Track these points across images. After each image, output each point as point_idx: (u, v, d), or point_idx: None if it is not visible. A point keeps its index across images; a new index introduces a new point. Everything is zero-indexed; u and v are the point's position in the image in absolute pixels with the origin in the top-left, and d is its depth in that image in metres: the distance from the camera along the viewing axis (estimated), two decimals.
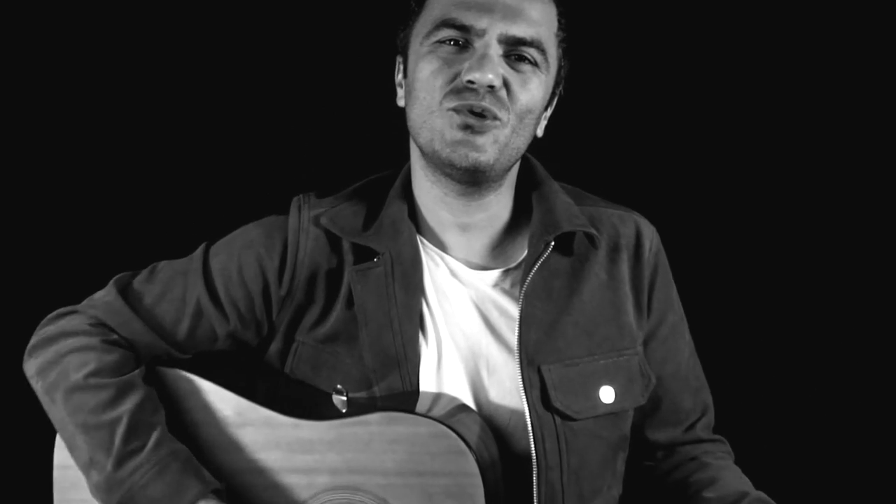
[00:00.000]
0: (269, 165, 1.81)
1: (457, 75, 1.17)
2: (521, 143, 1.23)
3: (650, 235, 1.36)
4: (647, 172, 1.84)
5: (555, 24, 1.24)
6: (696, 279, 1.54)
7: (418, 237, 1.30)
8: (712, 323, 1.57)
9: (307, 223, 1.29)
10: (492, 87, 1.16)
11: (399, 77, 1.30)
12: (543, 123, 1.30)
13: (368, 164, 1.41)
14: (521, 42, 1.18)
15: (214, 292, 1.27)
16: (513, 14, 1.17)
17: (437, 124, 1.18)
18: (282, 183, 1.54)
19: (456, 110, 1.17)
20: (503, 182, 1.28)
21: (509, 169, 1.26)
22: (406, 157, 1.33)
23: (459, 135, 1.17)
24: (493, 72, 1.15)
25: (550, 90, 1.26)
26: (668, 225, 1.43)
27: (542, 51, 1.20)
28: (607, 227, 1.33)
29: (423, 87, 1.19)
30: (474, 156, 1.18)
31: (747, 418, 1.55)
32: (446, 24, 1.17)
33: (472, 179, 1.22)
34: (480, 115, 1.16)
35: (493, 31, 1.16)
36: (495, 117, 1.17)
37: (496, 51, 1.17)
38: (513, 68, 1.19)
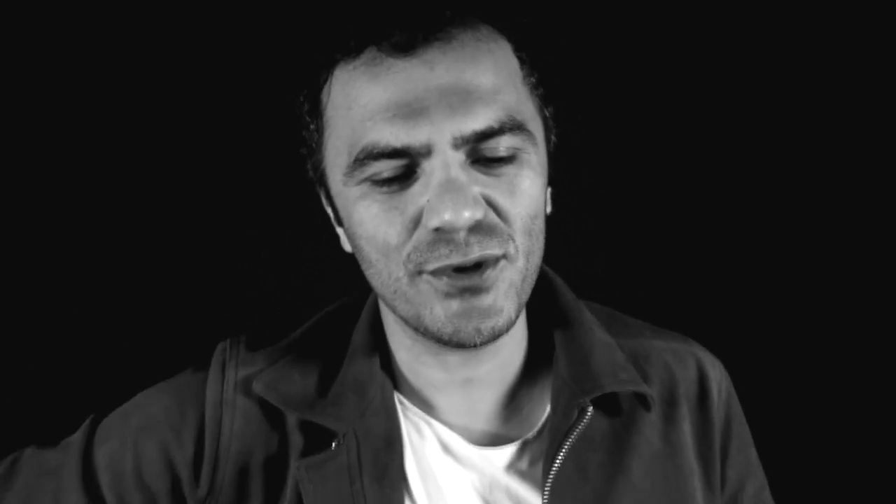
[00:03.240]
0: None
1: (415, 221, 0.77)
2: (536, 260, 0.83)
3: (717, 377, 0.97)
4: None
5: (517, 71, 0.81)
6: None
7: (396, 396, 0.91)
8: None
9: (233, 392, 0.88)
10: (475, 222, 0.76)
11: (330, 212, 0.89)
12: (548, 197, 0.89)
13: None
14: (485, 136, 0.76)
15: (99, 499, 0.88)
16: (460, 99, 0.75)
17: (415, 295, 0.79)
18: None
19: (437, 275, 0.78)
20: None
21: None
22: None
23: (455, 305, 0.78)
24: (467, 206, 0.74)
25: (547, 161, 0.85)
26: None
27: (518, 125, 0.78)
28: (659, 371, 0.95)
29: (372, 247, 0.79)
30: (488, 326, 0.78)
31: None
32: (371, 154, 0.76)
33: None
34: (474, 272, 0.77)
35: (441, 141, 0.75)
36: (497, 259, 0.78)
37: (457, 165, 0.76)
38: (488, 173, 0.78)
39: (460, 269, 0.77)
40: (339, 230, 0.88)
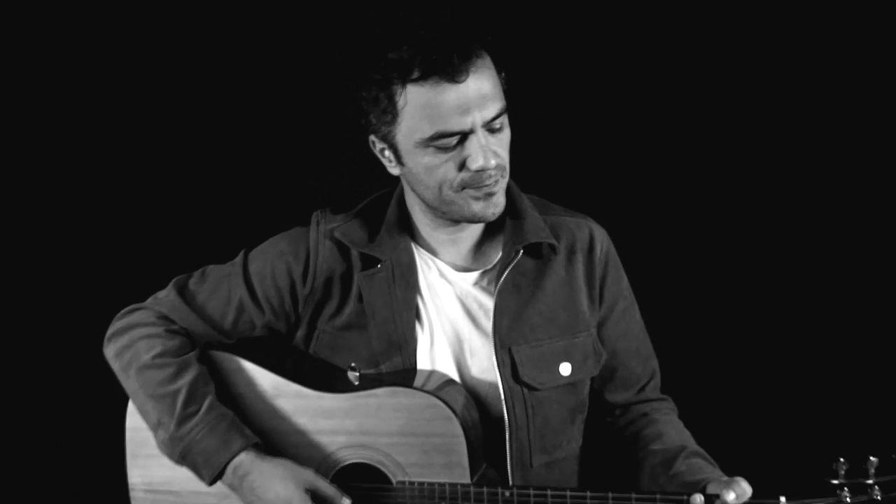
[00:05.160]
0: (289, 180, 2.25)
1: (462, 164, 1.43)
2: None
3: (601, 238, 1.66)
4: (603, 176, 2.26)
5: (496, 75, 1.47)
6: (647, 268, 1.87)
7: (413, 244, 1.61)
8: (662, 304, 1.90)
9: (323, 236, 1.60)
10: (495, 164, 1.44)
11: (384, 152, 1.52)
12: None
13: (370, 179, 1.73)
14: (495, 118, 1.43)
15: (253, 292, 1.60)
16: (482, 101, 1.41)
17: (460, 202, 1.47)
18: (300, 195, 1.89)
19: (476, 188, 1.45)
20: None
21: None
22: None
23: (482, 203, 1.46)
24: (493, 157, 1.43)
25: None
26: (621, 221, 1.79)
27: (505, 109, 1.46)
28: (566, 233, 1.63)
29: (433, 178, 1.46)
30: (497, 210, 1.49)
31: (689, 382, 1.87)
32: (442, 135, 1.41)
33: None
34: (493, 185, 1.46)
35: (477, 125, 1.41)
36: (499, 178, 1.47)
37: (484, 135, 1.43)
38: (495, 136, 1.45)
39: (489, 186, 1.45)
40: (388, 164, 1.53)
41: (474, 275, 1.61)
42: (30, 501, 2.33)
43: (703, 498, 1.35)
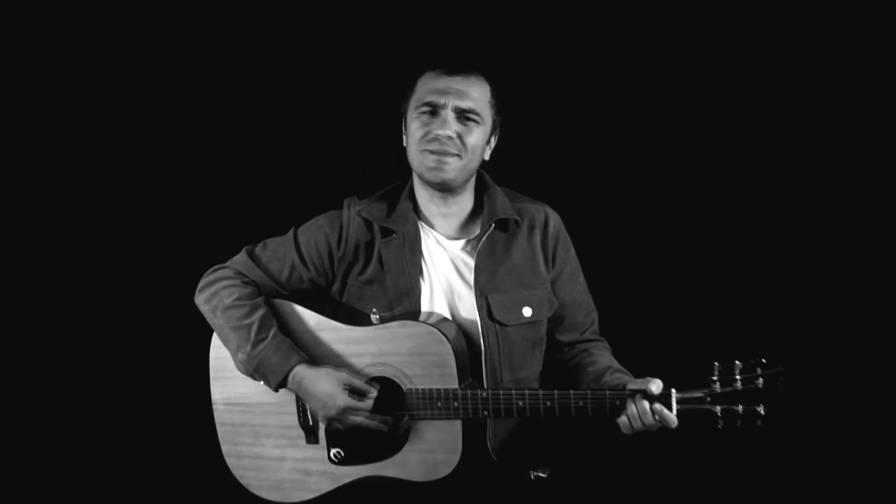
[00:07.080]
0: (326, 180, 2.96)
1: (430, 130, 2.07)
2: (472, 166, 2.13)
3: (554, 220, 2.26)
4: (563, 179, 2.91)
5: (489, 97, 2.12)
6: (592, 245, 2.48)
7: (418, 221, 2.21)
8: (602, 269, 2.51)
9: (353, 215, 2.20)
10: (450, 137, 2.06)
11: (405, 128, 2.18)
12: (489, 152, 2.19)
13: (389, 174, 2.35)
14: (466, 111, 2.07)
15: (302, 255, 2.20)
16: (461, 95, 2.06)
17: (420, 159, 2.10)
18: (335, 189, 2.52)
19: (431, 151, 2.07)
20: (465, 188, 2.19)
21: (467, 181, 2.17)
22: (408, 172, 2.24)
23: (433, 165, 2.09)
24: (449, 129, 2.06)
25: (487, 135, 2.14)
26: (573, 211, 2.39)
27: (478, 114, 2.09)
28: (528, 215, 2.23)
29: (412, 137, 2.11)
30: (442, 175, 2.09)
31: (619, 327, 2.48)
32: (425, 103, 2.07)
33: (444, 188, 2.14)
34: (444, 153, 2.07)
35: (449, 106, 2.06)
36: (453, 154, 2.08)
37: (452, 116, 2.06)
38: (462, 125, 2.07)
39: (440, 153, 2.08)
40: (405, 137, 2.18)
41: (461, 242, 2.21)
42: (137, 417, 3.13)
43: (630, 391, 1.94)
